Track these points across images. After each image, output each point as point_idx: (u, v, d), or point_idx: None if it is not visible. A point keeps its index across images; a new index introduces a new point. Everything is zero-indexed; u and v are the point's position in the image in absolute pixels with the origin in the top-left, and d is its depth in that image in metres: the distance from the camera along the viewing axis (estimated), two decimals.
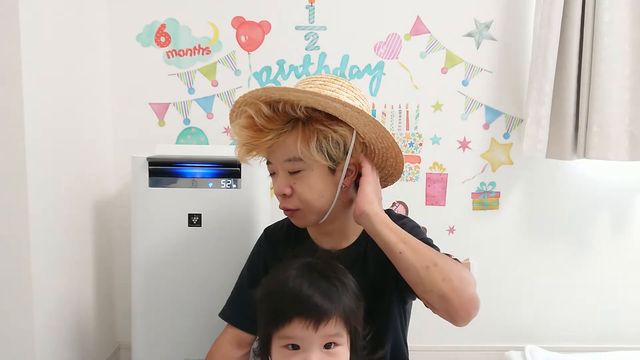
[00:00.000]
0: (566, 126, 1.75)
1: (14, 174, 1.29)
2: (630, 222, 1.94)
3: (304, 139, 1.04)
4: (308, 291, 0.84)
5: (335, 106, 1.03)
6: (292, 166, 1.06)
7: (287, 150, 1.05)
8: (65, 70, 1.53)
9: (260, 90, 1.05)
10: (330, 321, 0.84)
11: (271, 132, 1.04)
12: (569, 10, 1.70)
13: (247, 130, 1.06)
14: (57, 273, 1.47)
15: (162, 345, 1.53)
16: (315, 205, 1.09)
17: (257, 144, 1.05)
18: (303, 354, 0.83)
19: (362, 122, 1.08)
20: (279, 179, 1.08)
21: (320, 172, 1.07)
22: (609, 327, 1.96)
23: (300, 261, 0.92)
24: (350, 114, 1.05)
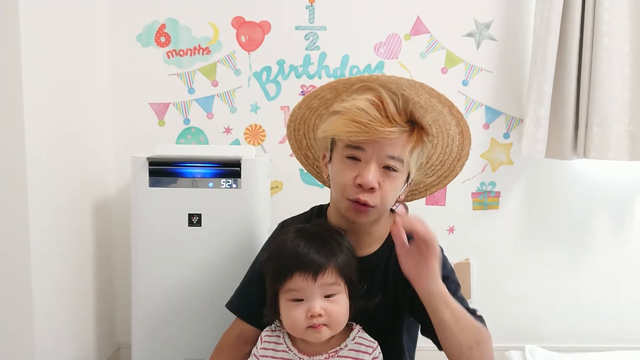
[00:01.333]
0: (566, 126, 1.75)
1: (14, 174, 1.29)
2: (630, 221, 1.94)
3: (414, 145, 1.05)
4: (304, 248, 0.96)
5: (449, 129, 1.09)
6: (392, 164, 1.04)
7: (397, 148, 1.03)
8: (65, 71, 1.53)
9: (404, 80, 1.04)
10: (327, 272, 0.95)
11: (397, 125, 1.02)
12: (569, 11, 1.70)
13: (375, 111, 1.01)
14: (57, 273, 1.47)
15: (162, 345, 1.53)
16: (387, 207, 1.09)
17: (379, 130, 1.00)
18: (307, 303, 0.95)
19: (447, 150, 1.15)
20: (371, 171, 1.02)
21: (403, 178, 1.08)
22: (609, 327, 1.96)
23: (297, 226, 1.03)
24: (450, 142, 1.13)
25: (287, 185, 1.89)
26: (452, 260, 1.89)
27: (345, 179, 1.05)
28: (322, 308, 0.94)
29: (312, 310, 0.93)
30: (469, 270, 1.93)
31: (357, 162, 1.04)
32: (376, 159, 1.03)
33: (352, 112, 1.01)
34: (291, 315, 0.96)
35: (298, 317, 0.95)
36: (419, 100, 1.04)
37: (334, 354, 0.98)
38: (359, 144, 1.03)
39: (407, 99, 1.04)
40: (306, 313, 0.94)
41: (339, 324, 0.97)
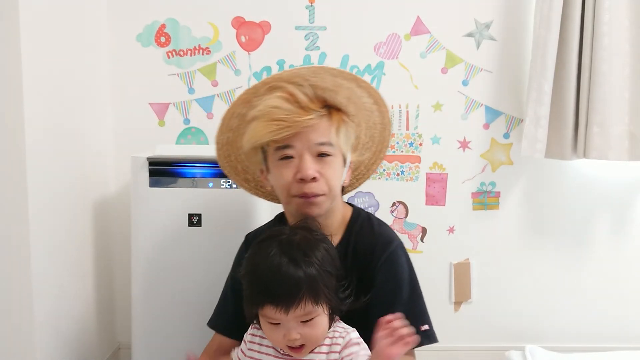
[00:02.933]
0: (566, 126, 1.75)
1: (14, 174, 1.29)
2: (630, 221, 1.94)
3: (337, 126, 1.08)
4: (276, 280, 0.92)
5: (364, 102, 1.10)
6: (324, 150, 1.06)
7: (322, 133, 1.06)
8: (65, 70, 1.53)
9: (305, 70, 1.07)
10: (300, 305, 0.91)
11: (313, 112, 1.04)
12: (569, 10, 1.70)
13: (288, 104, 1.03)
14: (57, 273, 1.47)
15: (162, 345, 1.53)
16: (336, 193, 1.10)
17: (298, 120, 1.02)
18: (283, 329, 0.93)
19: (370, 123, 1.15)
20: (306, 163, 1.05)
21: (340, 162, 1.10)
22: (609, 327, 1.96)
23: (276, 240, 0.97)
24: (369, 114, 1.13)
25: None
26: (452, 260, 1.92)
27: (285, 179, 1.07)
28: (299, 333, 0.93)
29: (288, 336, 0.93)
30: (469, 270, 1.93)
31: (291, 160, 1.07)
32: (307, 150, 1.05)
33: (267, 112, 1.04)
34: (270, 335, 0.97)
35: (276, 338, 0.96)
36: (325, 85, 1.07)
37: None
38: (287, 142, 1.05)
39: (315, 85, 1.06)
40: (283, 336, 0.94)
41: (317, 341, 0.97)
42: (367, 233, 1.14)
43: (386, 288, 1.09)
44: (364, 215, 1.18)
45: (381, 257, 1.10)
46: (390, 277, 1.10)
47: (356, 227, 1.16)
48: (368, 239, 1.13)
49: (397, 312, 1.03)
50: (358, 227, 1.15)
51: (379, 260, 1.10)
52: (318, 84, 1.07)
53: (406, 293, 1.10)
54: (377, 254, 1.10)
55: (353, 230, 1.15)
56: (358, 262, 1.11)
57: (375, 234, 1.14)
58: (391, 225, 1.90)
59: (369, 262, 1.11)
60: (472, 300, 1.94)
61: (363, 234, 1.14)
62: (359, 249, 1.12)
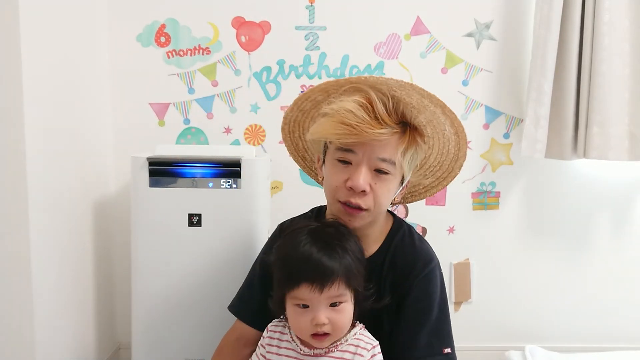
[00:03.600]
0: (566, 126, 1.75)
1: (14, 173, 1.29)
2: (630, 221, 1.94)
3: (406, 147, 1.03)
4: (313, 259, 0.95)
5: (444, 130, 1.07)
6: (383, 166, 1.03)
7: (388, 150, 1.02)
8: (65, 71, 1.53)
9: (394, 81, 1.01)
10: (334, 284, 0.95)
11: (387, 127, 1.00)
12: (569, 10, 1.70)
13: (363, 113, 0.99)
14: (57, 273, 1.47)
15: (162, 345, 1.53)
16: (381, 210, 1.08)
17: (368, 132, 0.98)
18: (312, 312, 0.96)
19: (444, 151, 1.14)
20: (361, 174, 1.01)
21: (397, 181, 1.07)
22: (609, 327, 1.96)
23: (308, 229, 1.02)
24: (446, 142, 1.11)
25: (287, 185, 1.89)
26: (452, 260, 1.92)
27: (336, 181, 1.05)
28: (327, 317, 0.96)
29: (317, 320, 0.95)
30: (469, 270, 1.94)
31: (348, 165, 1.04)
32: (367, 161, 1.02)
33: (340, 113, 1.00)
34: (297, 321, 0.99)
35: (303, 323, 0.97)
36: (410, 101, 1.03)
37: (334, 347, 1.00)
38: (349, 147, 1.02)
39: (398, 99, 1.03)
40: (311, 320, 0.96)
41: (341, 331, 0.99)
42: (408, 247, 1.13)
43: (418, 305, 1.09)
44: (405, 228, 1.17)
45: (420, 274, 1.09)
46: (424, 296, 1.09)
47: (397, 239, 1.14)
48: (409, 253, 1.12)
49: (424, 330, 1.07)
50: (399, 239, 1.14)
51: (418, 276, 1.09)
52: (402, 98, 1.03)
53: (435, 314, 1.09)
54: (416, 270, 1.09)
55: (393, 241, 1.14)
56: (394, 274, 1.10)
57: (416, 249, 1.13)
58: None
59: (407, 276, 1.10)
60: (472, 300, 1.94)
61: (404, 247, 1.13)
62: (398, 262, 1.11)
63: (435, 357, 1.07)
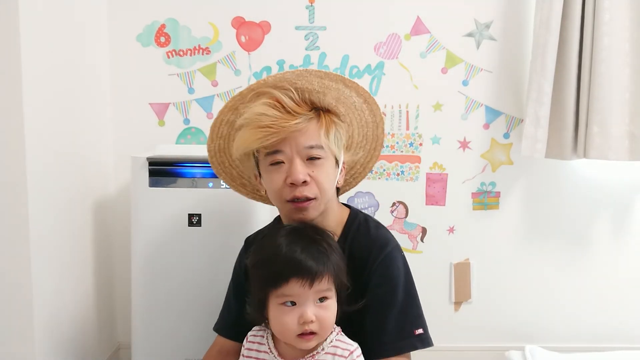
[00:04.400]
0: (566, 126, 1.75)
1: (14, 174, 1.29)
2: (630, 222, 1.94)
3: (326, 128, 1.07)
4: (302, 255, 0.96)
5: (353, 102, 1.10)
6: (314, 153, 1.05)
7: (311, 137, 1.05)
8: (65, 71, 1.53)
9: (289, 74, 1.06)
10: (324, 278, 0.96)
11: (300, 116, 1.04)
12: (569, 10, 1.70)
13: (274, 110, 1.03)
14: (57, 273, 1.47)
15: (162, 345, 1.53)
16: (328, 195, 1.09)
17: (285, 126, 1.02)
18: (299, 308, 0.95)
19: (362, 122, 1.15)
20: (297, 167, 1.04)
21: (331, 163, 1.09)
22: (609, 327, 1.96)
23: (285, 229, 1.03)
24: (360, 113, 1.13)
25: None
26: (452, 260, 1.92)
27: (276, 184, 1.07)
28: (314, 314, 0.95)
29: (305, 317, 0.94)
30: (469, 270, 1.94)
31: (281, 165, 1.06)
32: (297, 154, 1.05)
33: (253, 119, 1.03)
34: (283, 321, 0.96)
35: (290, 322, 0.95)
36: (313, 87, 1.07)
37: (310, 357, 0.99)
38: (275, 147, 1.05)
39: (302, 89, 1.06)
40: (298, 319, 0.95)
41: (327, 329, 0.98)
42: (364, 235, 1.14)
43: (381, 290, 1.08)
44: (361, 217, 1.18)
45: (377, 259, 1.09)
46: (385, 280, 1.09)
47: (353, 229, 1.15)
48: (365, 241, 1.12)
49: (391, 314, 1.07)
50: (355, 229, 1.15)
51: (375, 262, 1.09)
52: (304, 87, 1.07)
53: (401, 296, 1.09)
54: (373, 256, 1.10)
55: (350, 232, 1.15)
56: (354, 264, 1.10)
57: (372, 236, 1.13)
58: (391, 225, 1.90)
59: (365, 264, 1.10)
60: (472, 300, 1.94)
61: (360, 236, 1.14)
62: (356, 251, 1.12)
63: (406, 339, 1.07)
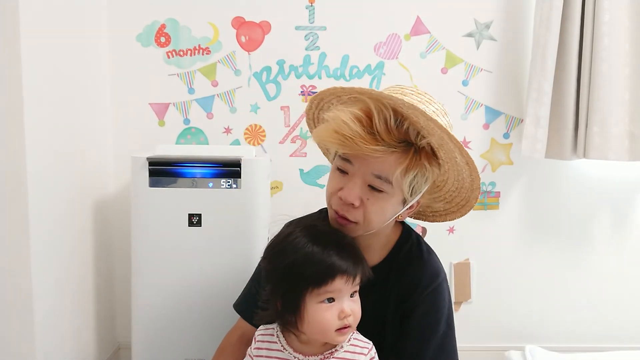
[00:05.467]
0: (566, 126, 1.75)
1: (14, 174, 1.29)
2: (630, 222, 1.94)
3: (407, 167, 0.97)
4: (342, 252, 0.96)
5: (455, 157, 0.99)
6: (377, 184, 0.99)
7: (384, 167, 0.97)
8: (65, 71, 1.53)
9: (398, 97, 0.96)
10: (361, 271, 0.98)
11: (383, 144, 0.95)
12: (569, 11, 1.70)
13: (357, 125, 0.95)
14: (57, 273, 1.47)
15: (162, 345, 1.53)
16: (374, 227, 1.04)
17: (359, 146, 0.94)
18: (338, 304, 0.96)
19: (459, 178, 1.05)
20: (353, 187, 0.99)
21: (395, 201, 1.03)
22: (609, 327, 1.96)
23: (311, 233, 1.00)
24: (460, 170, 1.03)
25: (287, 185, 1.89)
26: (452, 260, 1.92)
27: (331, 188, 1.05)
28: (350, 308, 0.97)
29: (345, 311, 0.96)
30: (469, 270, 1.93)
31: (345, 174, 1.02)
32: (361, 175, 0.99)
33: (335, 122, 0.97)
34: (323, 318, 0.95)
35: (330, 318, 0.95)
36: (417, 120, 0.96)
37: (329, 355, 0.99)
38: (347, 157, 1.00)
39: (404, 116, 0.97)
40: (338, 314, 0.96)
41: (358, 321, 1.00)
42: (416, 259, 1.11)
43: (425, 320, 1.08)
44: (414, 238, 1.14)
45: (428, 288, 1.08)
46: (431, 311, 1.08)
47: (405, 249, 1.12)
48: (417, 267, 1.10)
49: (431, 345, 1.07)
50: (407, 250, 1.12)
51: (425, 291, 1.07)
52: (409, 116, 0.97)
53: (442, 329, 1.09)
54: (423, 284, 1.08)
55: (401, 252, 1.12)
56: (400, 286, 1.09)
57: (424, 262, 1.11)
58: None
59: (414, 289, 1.08)
60: (472, 300, 1.94)
61: (411, 260, 1.11)
62: (405, 274, 1.09)
63: None
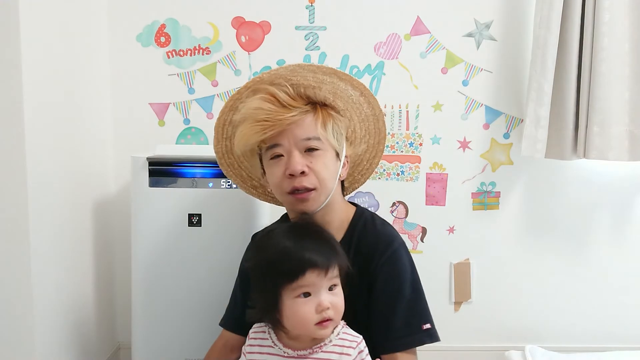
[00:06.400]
0: (566, 126, 1.75)
1: (14, 174, 1.29)
2: (630, 222, 1.94)
3: (323, 121, 1.09)
4: (313, 246, 0.99)
5: (350, 95, 1.12)
6: (311, 144, 1.07)
7: (307, 129, 1.07)
8: (65, 71, 1.53)
9: (283, 69, 1.09)
10: (335, 264, 0.99)
11: (295, 109, 1.07)
12: (569, 11, 1.70)
13: (269, 104, 1.06)
14: (57, 273, 1.47)
15: (162, 345, 1.53)
16: (328, 186, 1.10)
17: (280, 119, 1.05)
18: (315, 298, 0.97)
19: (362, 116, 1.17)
20: (294, 158, 1.07)
21: (331, 156, 1.11)
22: (609, 327, 1.96)
23: (282, 228, 1.05)
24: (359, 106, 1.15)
25: None
26: (452, 260, 1.92)
27: (277, 177, 1.09)
28: (329, 301, 0.98)
29: (323, 304, 0.97)
30: (469, 270, 1.94)
31: (281, 158, 1.09)
32: (294, 146, 1.07)
33: (250, 114, 1.07)
34: (301, 312, 0.97)
35: (308, 312, 0.97)
36: (307, 82, 1.09)
37: (318, 349, 1.00)
38: (274, 141, 1.08)
39: (297, 84, 1.09)
40: (316, 308, 0.96)
41: (340, 314, 1.00)
42: (370, 232, 1.15)
43: (388, 287, 1.10)
44: (367, 215, 1.19)
45: (383, 255, 1.11)
46: (392, 276, 1.10)
47: (359, 226, 1.16)
48: (370, 238, 1.14)
49: (398, 310, 1.08)
50: (361, 226, 1.16)
51: (381, 259, 1.11)
52: (299, 82, 1.09)
53: (408, 292, 1.10)
54: (379, 252, 1.11)
55: (356, 229, 1.16)
56: (360, 261, 1.11)
57: (378, 232, 1.15)
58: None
59: (370, 260, 1.11)
60: (472, 300, 1.94)
61: (366, 233, 1.15)
62: (362, 248, 1.13)
63: (414, 335, 1.09)
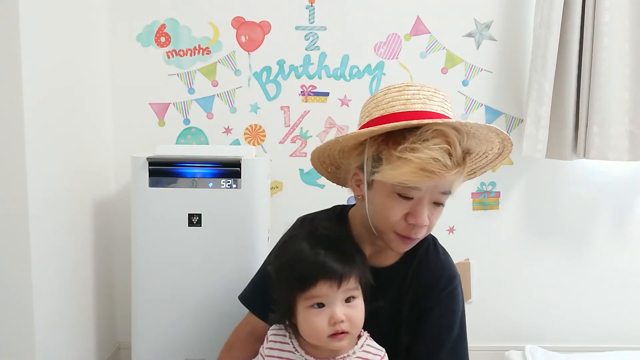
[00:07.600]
0: (566, 126, 1.75)
1: (14, 173, 1.29)
2: (630, 222, 1.94)
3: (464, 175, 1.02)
4: (328, 255, 0.95)
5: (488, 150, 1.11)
6: (443, 199, 1.01)
7: (447, 184, 0.99)
8: (65, 71, 1.53)
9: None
10: (351, 277, 0.96)
11: (458, 167, 0.97)
12: (569, 11, 1.70)
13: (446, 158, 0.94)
14: (57, 273, 1.47)
15: (162, 345, 1.53)
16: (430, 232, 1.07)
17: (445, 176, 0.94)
18: (328, 309, 0.94)
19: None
20: (423, 211, 0.99)
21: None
22: (609, 327, 1.96)
23: (305, 234, 1.01)
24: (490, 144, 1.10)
25: (287, 185, 1.89)
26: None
27: (395, 216, 1.00)
28: (344, 314, 0.94)
29: (335, 317, 0.93)
30: (469, 270, 1.93)
31: (409, 200, 1.00)
32: (429, 196, 1.00)
33: (426, 162, 0.94)
34: (313, 323, 0.95)
35: (320, 324, 0.94)
36: (477, 133, 1.01)
37: (340, 359, 0.98)
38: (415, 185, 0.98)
39: (470, 135, 1.00)
40: (329, 320, 0.94)
41: (358, 328, 0.98)
42: (433, 261, 1.12)
43: (440, 322, 1.09)
44: (430, 240, 1.14)
45: (444, 291, 1.09)
46: (447, 313, 1.09)
47: (421, 250, 1.12)
48: (433, 268, 1.11)
49: (445, 347, 1.08)
50: (423, 251, 1.12)
51: (442, 293, 1.09)
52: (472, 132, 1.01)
53: (456, 331, 1.10)
54: (440, 287, 1.09)
55: (417, 253, 1.11)
56: (416, 286, 1.09)
57: (441, 264, 1.12)
58: None
59: (429, 291, 1.09)
60: (472, 300, 1.94)
61: (428, 261, 1.12)
62: (421, 275, 1.10)
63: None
